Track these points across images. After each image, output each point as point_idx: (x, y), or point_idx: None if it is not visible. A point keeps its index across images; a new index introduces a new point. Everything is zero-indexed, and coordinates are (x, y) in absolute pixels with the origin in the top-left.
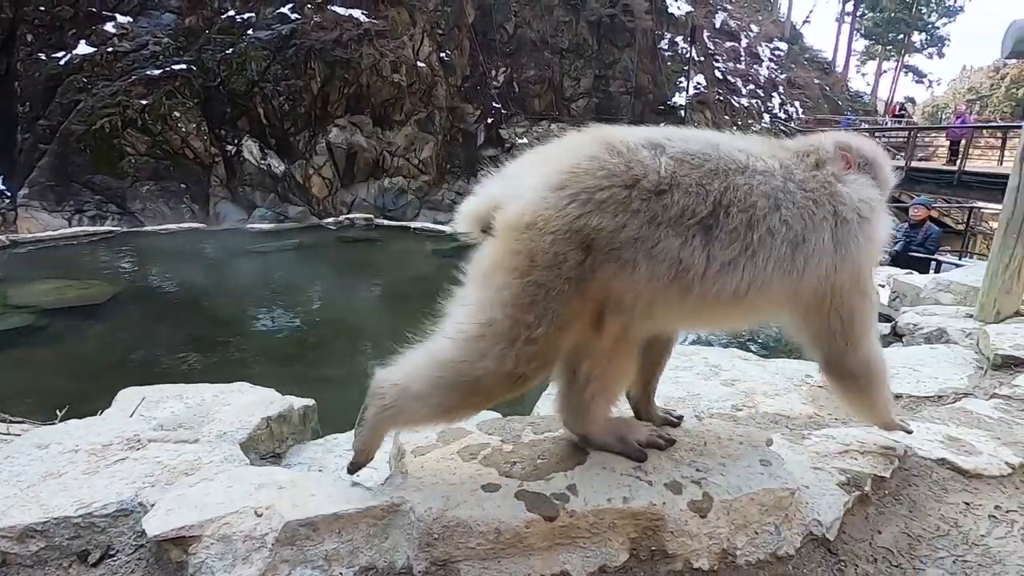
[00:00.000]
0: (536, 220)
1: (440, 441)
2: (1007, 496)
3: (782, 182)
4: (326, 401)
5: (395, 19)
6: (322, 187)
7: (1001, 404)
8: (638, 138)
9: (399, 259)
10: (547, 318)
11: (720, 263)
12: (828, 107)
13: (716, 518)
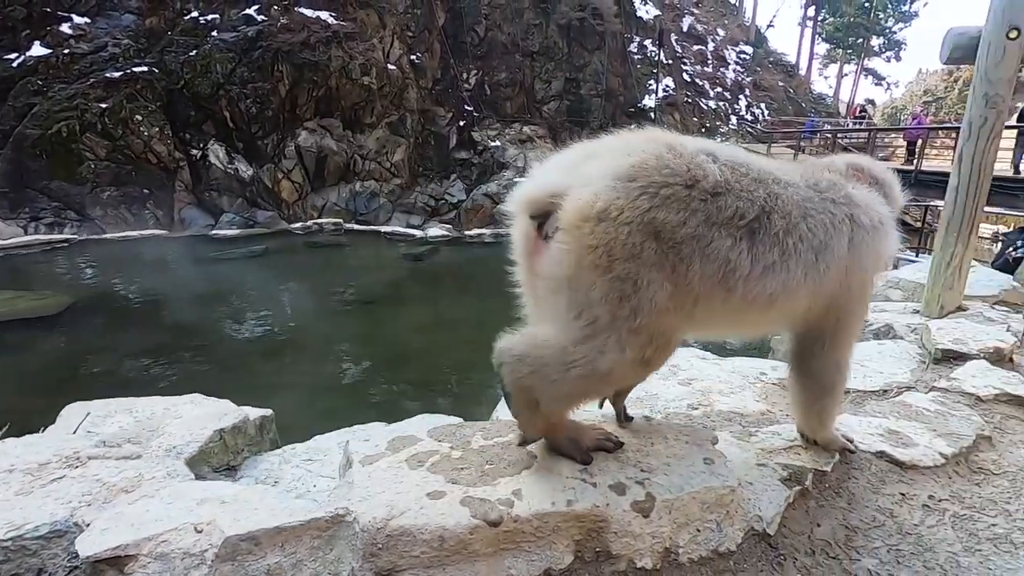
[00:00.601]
0: (609, 208)
1: (389, 449)
2: (940, 486)
3: (807, 192)
4: (289, 409)
5: (364, 21)
6: (292, 191)
7: (939, 397)
8: (693, 143)
9: (368, 264)
10: (643, 308)
11: (763, 266)
12: (792, 109)
13: (659, 517)
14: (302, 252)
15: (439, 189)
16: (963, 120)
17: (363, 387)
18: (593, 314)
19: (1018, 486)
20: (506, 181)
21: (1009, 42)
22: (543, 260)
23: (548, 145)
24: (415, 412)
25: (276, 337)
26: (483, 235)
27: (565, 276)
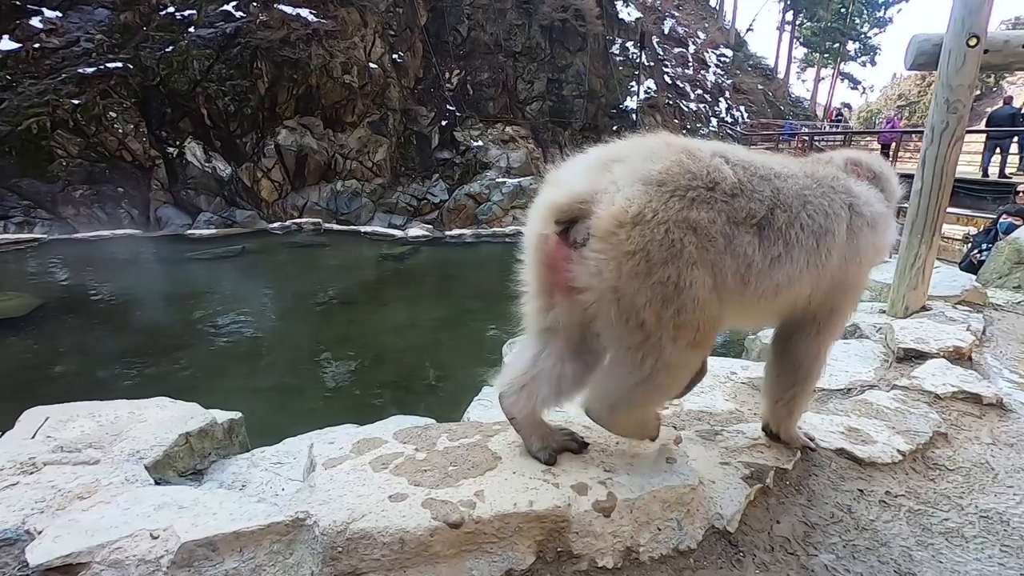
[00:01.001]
0: (644, 212)
1: (354, 452)
2: (897, 482)
3: (805, 181)
4: (263, 411)
5: (345, 19)
6: (271, 190)
7: (899, 395)
8: (706, 146)
9: (347, 264)
10: (687, 305)
11: (771, 258)
12: (771, 112)
13: (620, 517)
14: (280, 252)
15: (421, 189)
16: (926, 125)
17: (339, 388)
18: (641, 318)
19: (971, 481)
20: (488, 181)
21: (969, 50)
22: (578, 271)
23: (531, 145)
24: (390, 413)
25: (251, 338)
26: (463, 235)
27: (609, 287)
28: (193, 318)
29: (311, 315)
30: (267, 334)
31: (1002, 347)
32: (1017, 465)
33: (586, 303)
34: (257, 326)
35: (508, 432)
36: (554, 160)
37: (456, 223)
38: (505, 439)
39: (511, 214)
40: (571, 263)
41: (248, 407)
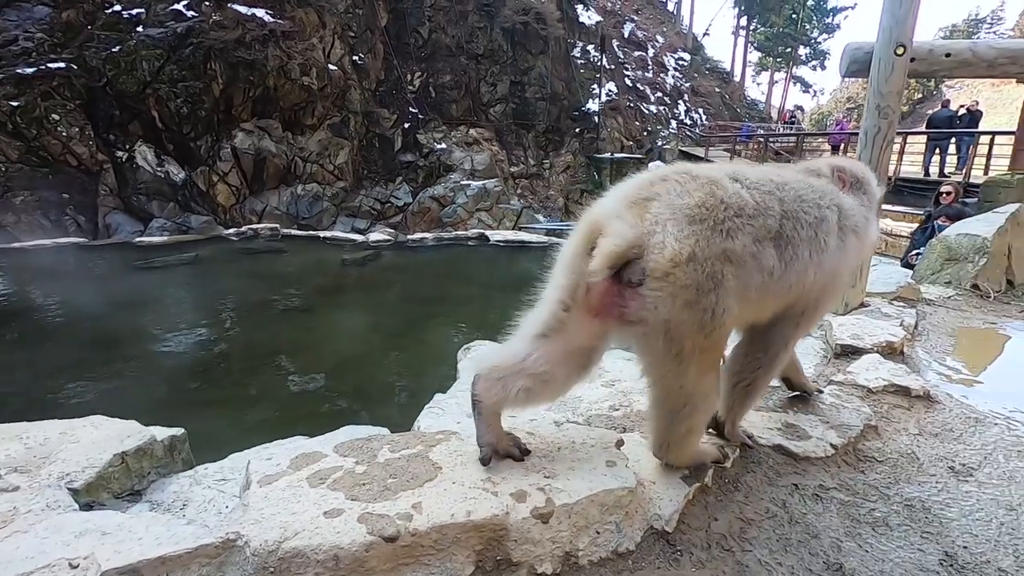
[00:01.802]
0: (695, 251)
1: (292, 467)
2: (829, 475)
3: (804, 194)
4: (214, 425)
5: (303, 20)
6: (228, 195)
7: (835, 390)
8: (720, 172)
9: (305, 270)
10: (717, 327)
11: (784, 264)
12: (728, 114)
13: (558, 522)
14: (236, 259)
15: (385, 192)
16: (860, 129)
17: (295, 398)
18: (681, 344)
19: (897, 472)
20: (453, 184)
21: (896, 58)
22: (635, 306)
23: (495, 148)
24: (346, 422)
25: (203, 349)
26: (425, 239)
27: (663, 319)
28: (141, 330)
29: (267, 323)
30: (220, 344)
31: (932, 340)
32: (940, 454)
33: (637, 334)
34: (209, 336)
35: (450, 441)
36: (518, 162)
37: (421, 226)
38: (447, 449)
39: (476, 216)
40: (624, 299)
41: (198, 421)
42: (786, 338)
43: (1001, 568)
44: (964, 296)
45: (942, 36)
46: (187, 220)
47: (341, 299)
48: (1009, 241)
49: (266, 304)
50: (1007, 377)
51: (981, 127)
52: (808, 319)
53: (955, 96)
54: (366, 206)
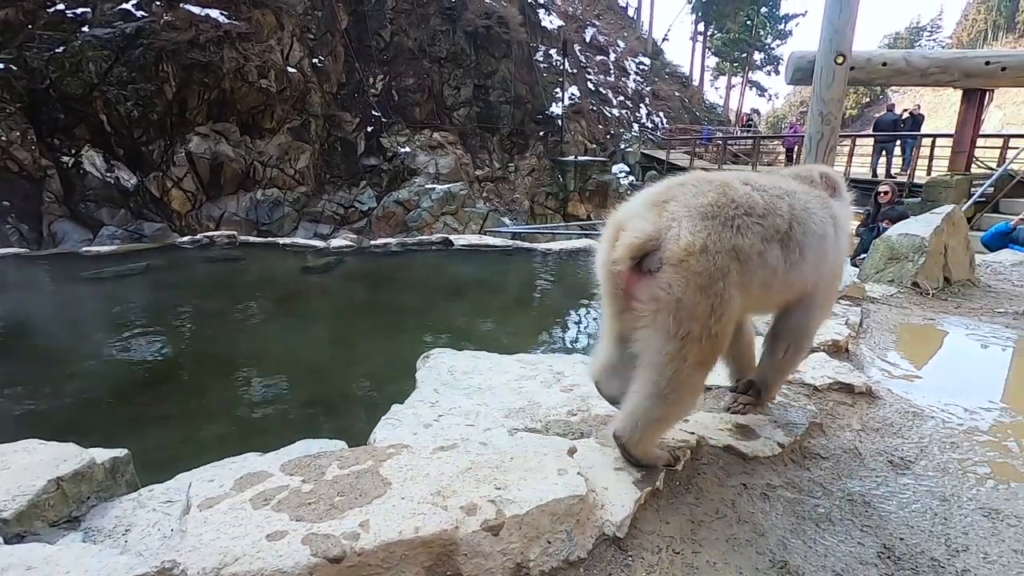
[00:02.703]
0: (707, 244)
1: (235, 489)
2: (777, 473)
3: (806, 199)
4: (164, 442)
5: (260, 21)
6: (184, 201)
7: (783, 389)
8: (731, 177)
9: (263, 278)
10: (725, 314)
11: (790, 263)
12: (688, 117)
13: (509, 534)
14: (190, 268)
15: (348, 196)
16: (805, 135)
17: (253, 412)
18: (689, 327)
19: (840, 467)
20: (417, 188)
21: (837, 67)
22: (647, 288)
23: (459, 151)
24: (304, 435)
25: (155, 363)
26: (389, 244)
27: (675, 299)
28: (85, 345)
29: (224, 334)
30: (173, 357)
31: (876, 338)
32: (880, 448)
33: (649, 314)
34: (161, 350)
35: (401, 455)
36: (483, 165)
37: (385, 230)
38: (397, 463)
39: (442, 220)
40: (643, 286)
41: (148, 439)
42: (805, 324)
43: (934, 557)
44: (905, 293)
45: (886, 43)
46: (140, 227)
47: (301, 308)
48: (945, 240)
49: (222, 314)
50: (944, 371)
51: (924, 130)
52: (822, 309)
53: (899, 100)
54: (329, 211)
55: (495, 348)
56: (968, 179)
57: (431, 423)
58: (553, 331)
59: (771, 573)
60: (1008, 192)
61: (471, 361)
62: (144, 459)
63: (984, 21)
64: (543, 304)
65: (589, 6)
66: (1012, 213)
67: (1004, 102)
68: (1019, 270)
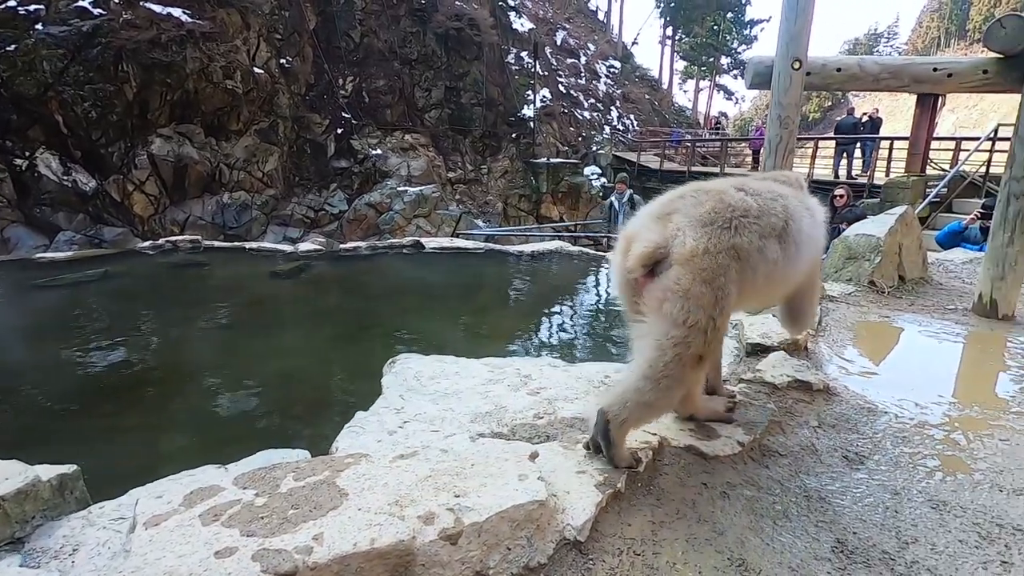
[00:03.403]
0: (709, 246)
1: (184, 505)
2: (736, 472)
3: (794, 199)
4: (121, 457)
5: (225, 21)
6: (146, 205)
7: (744, 388)
8: (726, 184)
9: (229, 284)
10: (725, 307)
11: (787, 257)
12: (658, 120)
13: (468, 542)
14: (152, 274)
15: (318, 199)
16: (765, 139)
17: (216, 422)
18: (696, 316)
19: (798, 464)
20: (389, 190)
21: (794, 72)
22: (655, 286)
23: (431, 153)
24: (268, 445)
25: (112, 374)
26: (359, 248)
27: (683, 290)
28: (37, 356)
29: (186, 343)
30: (132, 367)
31: (834, 335)
32: (836, 444)
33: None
34: (119, 359)
35: (359, 465)
36: (455, 167)
37: (357, 234)
38: (355, 473)
39: (414, 223)
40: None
41: (104, 454)
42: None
43: (885, 550)
44: (862, 292)
45: (846, 49)
46: (100, 232)
47: (268, 314)
48: (899, 240)
49: (186, 321)
50: (899, 368)
51: (882, 133)
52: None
53: (859, 104)
54: (299, 214)
55: (467, 352)
56: (923, 180)
57: (395, 430)
58: (526, 333)
59: (729, 571)
60: (960, 192)
61: (438, 365)
62: (98, 474)
63: (937, 28)
64: (516, 306)
65: (560, 9)
66: (964, 213)
67: (957, 106)
68: (969, 268)
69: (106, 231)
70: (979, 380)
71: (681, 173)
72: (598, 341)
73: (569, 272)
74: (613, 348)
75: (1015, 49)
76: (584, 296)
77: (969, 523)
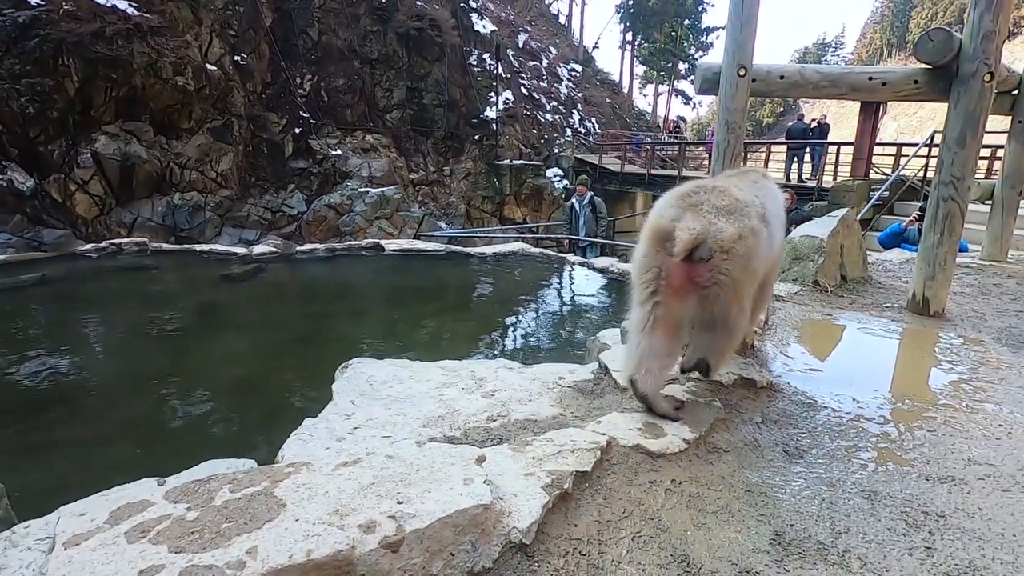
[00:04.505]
0: (743, 232)
1: (109, 522)
2: (682, 469)
3: (767, 191)
4: (56, 473)
5: (174, 15)
6: (90, 206)
7: (692, 387)
8: (726, 181)
9: (178, 289)
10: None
11: (772, 238)
12: (619, 123)
13: (410, 549)
14: (95, 278)
15: (276, 200)
16: (713, 143)
17: (161, 432)
18: (742, 293)
19: (741, 459)
20: (350, 191)
21: (740, 79)
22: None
23: (393, 154)
24: (215, 455)
25: (46, 384)
26: (316, 250)
27: (733, 279)
28: None
29: (131, 350)
30: (70, 377)
31: (780, 334)
32: (778, 439)
33: (710, 295)
34: (55, 368)
35: (300, 474)
36: (418, 169)
37: (317, 236)
38: (295, 482)
39: (376, 224)
40: (697, 272)
41: (36, 469)
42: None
43: (819, 541)
44: (807, 291)
45: (797, 57)
46: (39, 235)
47: (219, 319)
48: (841, 241)
49: (130, 328)
50: (839, 364)
51: (830, 138)
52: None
53: (809, 111)
54: (255, 216)
55: (426, 355)
56: (867, 184)
57: (345, 436)
58: (486, 335)
59: (672, 567)
60: (901, 195)
61: (391, 370)
62: (29, 492)
63: (880, 39)
64: (476, 309)
65: (521, 12)
66: (905, 215)
67: (899, 114)
68: (906, 267)
69: (46, 233)
70: (912, 374)
71: (641, 176)
72: (557, 342)
73: (530, 273)
74: (572, 349)
75: (942, 60)
76: (545, 297)
77: (898, 512)
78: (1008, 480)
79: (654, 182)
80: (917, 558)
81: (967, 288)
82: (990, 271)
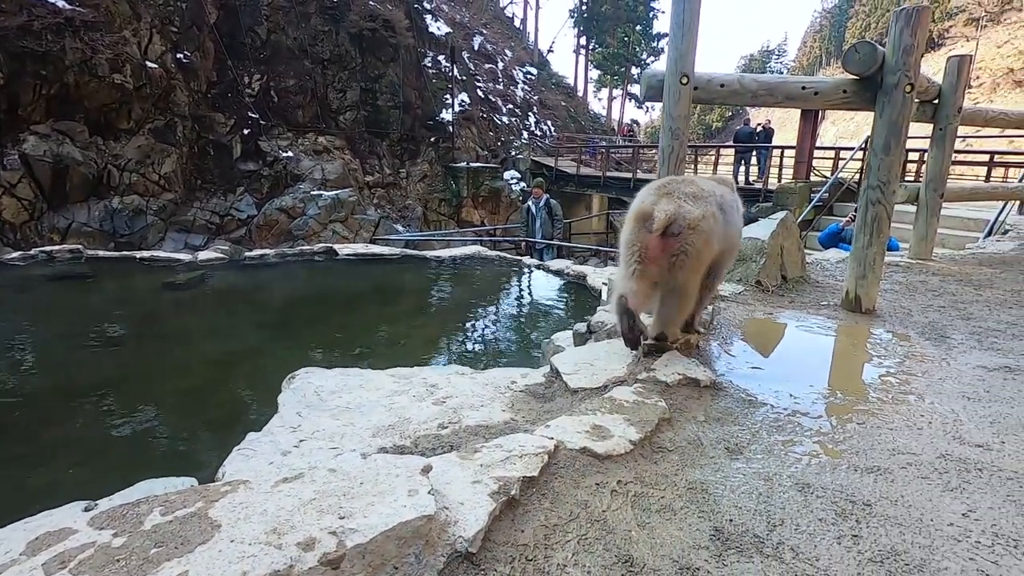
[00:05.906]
0: (705, 214)
1: (26, 553)
2: (627, 470)
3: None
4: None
5: (110, 10)
6: (19, 211)
7: (639, 387)
8: (691, 177)
9: (116, 298)
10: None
11: (726, 223)
12: (574, 126)
13: (351, 565)
14: (23, 288)
15: (224, 204)
16: (659, 148)
17: (98, 450)
18: (703, 261)
19: (684, 458)
20: (302, 194)
21: (682, 87)
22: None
23: (347, 156)
24: (153, 474)
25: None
26: (266, 255)
27: (696, 250)
28: None
29: (65, 364)
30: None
31: (724, 334)
32: (720, 437)
33: (677, 263)
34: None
35: (237, 493)
36: (373, 171)
37: (269, 240)
38: (231, 502)
39: (331, 228)
40: (669, 245)
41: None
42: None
43: (756, 534)
44: (751, 291)
45: (743, 64)
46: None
47: (161, 330)
48: (781, 242)
49: (65, 341)
50: (779, 361)
51: (774, 142)
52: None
53: (755, 116)
54: (201, 220)
55: (382, 362)
56: (808, 186)
57: (290, 450)
58: (444, 340)
59: (616, 568)
60: (840, 197)
61: (340, 379)
62: None
63: (819, 48)
64: (432, 313)
65: (476, 14)
66: (843, 215)
67: (838, 119)
68: (841, 267)
69: None
70: (845, 370)
71: (597, 178)
72: (513, 345)
73: (488, 276)
74: (528, 351)
75: (867, 72)
76: (502, 300)
77: (828, 502)
78: (927, 468)
79: (609, 184)
80: (845, 546)
81: (896, 285)
82: (917, 269)
